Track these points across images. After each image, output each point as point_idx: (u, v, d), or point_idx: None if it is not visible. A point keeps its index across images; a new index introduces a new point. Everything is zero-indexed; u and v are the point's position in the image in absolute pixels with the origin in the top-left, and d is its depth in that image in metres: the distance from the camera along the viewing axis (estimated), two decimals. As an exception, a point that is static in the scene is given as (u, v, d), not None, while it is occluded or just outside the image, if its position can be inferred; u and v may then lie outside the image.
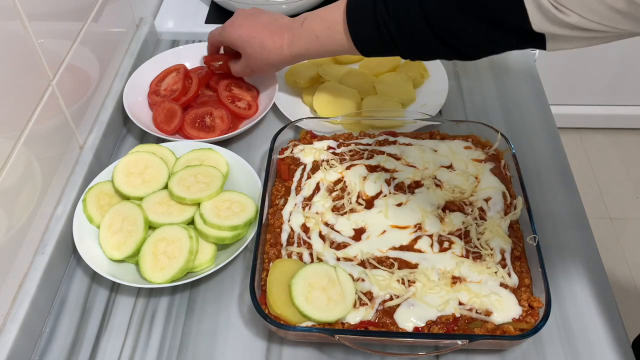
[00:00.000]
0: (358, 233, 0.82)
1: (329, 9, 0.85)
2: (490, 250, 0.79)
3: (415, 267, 0.78)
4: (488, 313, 0.73)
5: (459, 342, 0.70)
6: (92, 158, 0.92)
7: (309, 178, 0.89)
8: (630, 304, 1.85)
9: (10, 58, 0.72)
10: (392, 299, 0.74)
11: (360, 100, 1.05)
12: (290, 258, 0.79)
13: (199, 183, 0.87)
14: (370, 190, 0.87)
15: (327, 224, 0.83)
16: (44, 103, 0.80)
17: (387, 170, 0.90)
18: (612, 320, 0.78)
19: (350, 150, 0.93)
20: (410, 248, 0.80)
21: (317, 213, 0.84)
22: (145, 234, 0.82)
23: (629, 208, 2.15)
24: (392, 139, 0.94)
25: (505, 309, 0.73)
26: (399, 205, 0.85)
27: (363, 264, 0.78)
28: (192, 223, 0.85)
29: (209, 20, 1.27)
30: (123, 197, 0.88)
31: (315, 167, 0.90)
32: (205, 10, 1.30)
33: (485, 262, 0.78)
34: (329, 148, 0.93)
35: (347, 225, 0.83)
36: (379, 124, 0.98)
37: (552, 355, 0.75)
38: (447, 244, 0.80)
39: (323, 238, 0.81)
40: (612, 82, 2.23)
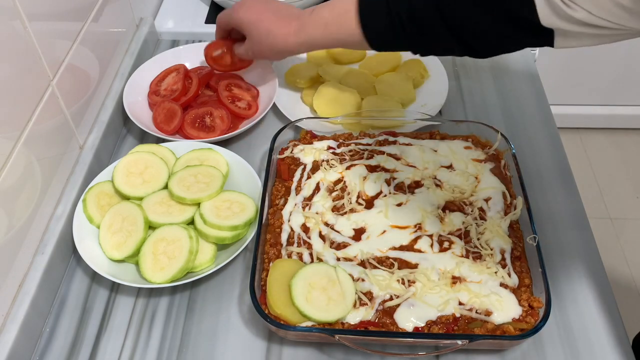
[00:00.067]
0: (358, 233, 0.82)
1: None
2: (490, 250, 0.79)
3: (415, 267, 0.78)
4: (488, 313, 0.73)
5: (459, 342, 0.70)
6: (92, 158, 0.92)
7: (309, 178, 0.89)
8: (630, 304, 1.85)
9: (10, 58, 0.72)
10: (392, 299, 0.74)
11: (360, 100, 1.05)
12: (290, 258, 0.79)
13: (199, 183, 0.87)
14: (370, 190, 0.87)
15: (327, 224, 0.83)
16: (44, 103, 0.80)
17: (387, 170, 0.90)
18: (612, 320, 0.78)
19: (350, 150, 0.93)
20: (410, 248, 0.80)
21: (317, 213, 0.84)
22: (145, 234, 0.82)
23: (629, 208, 2.15)
24: (392, 139, 0.94)
25: (505, 309, 0.73)
26: (399, 205, 0.85)
27: (363, 264, 0.78)
28: (192, 223, 0.85)
29: (209, 20, 1.27)
30: (123, 197, 0.88)
31: (315, 167, 0.90)
32: (205, 10, 1.30)
33: (485, 262, 0.78)
34: (329, 148, 0.93)
35: (347, 225, 0.83)
36: (379, 124, 0.98)
37: (552, 355, 0.75)
38: (447, 244, 0.80)
39: (323, 238, 0.81)
40: (612, 82, 2.23)
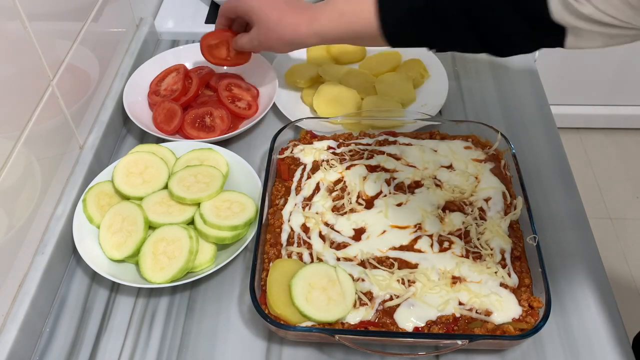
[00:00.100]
0: (358, 233, 0.82)
1: None
2: (490, 250, 0.79)
3: (415, 267, 0.78)
4: (488, 313, 0.73)
5: (459, 342, 0.70)
6: (92, 158, 0.92)
7: (309, 178, 0.89)
8: (630, 304, 1.85)
9: (10, 58, 0.72)
10: (392, 299, 0.74)
11: (360, 100, 1.05)
12: (290, 258, 0.79)
13: (199, 183, 0.87)
14: (370, 190, 0.87)
15: (327, 224, 0.83)
16: (44, 103, 0.80)
17: (387, 170, 0.90)
18: (612, 320, 0.78)
19: (350, 150, 0.93)
20: (410, 248, 0.80)
21: (317, 213, 0.84)
22: (145, 234, 0.82)
23: (629, 208, 2.15)
24: (392, 139, 0.94)
25: (505, 309, 0.73)
26: (399, 205, 0.85)
27: (363, 264, 0.78)
28: (192, 223, 0.85)
29: (209, 20, 1.27)
30: (123, 197, 0.88)
31: (315, 167, 0.90)
32: (205, 10, 1.30)
33: (485, 262, 0.78)
34: (329, 148, 0.93)
35: (347, 225, 0.83)
36: (379, 124, 0.98)
37: (552, 355, 0.75)
38: (447, 244, 0.80)
39: (323, 238, 0.81)
40: (612, 82, 2.23)
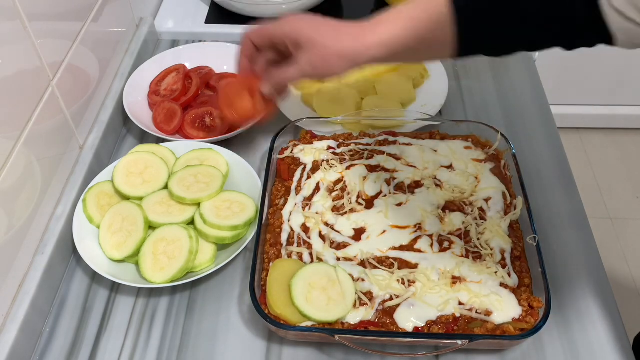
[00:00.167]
0: (358, 233, 0.82)
1: None
2: (490, 250, 0.79)
3: (415, 267, 0.78)
4: (488, 313, 0.73)
5: (459, 342, 0.70)
6: (92, 158, 0.92)
7: (309, 178, 0.89)
8: (630, 304, 1.85)
9: (10, 58, 0.72)
10: (392, 299, 0.74)
11: (360, 100, 1.05)
12: (290, 258, 0.79)
13: (199, 183, 0.87)
14: (370, 190, 0.87)
15: (327, 224, 0.83)
16: (44, 103, 0.80)
17: (387, 170, 0.90)
18: (612, 320, 0.78)
19: (350, 150, 0.93)
20: (410, 248, 0.80)
21: (317, 213, 0.84)
22: (145, 234, 0.82)
23: (629, 208, 2.15)
24: (392, 139, 0.94)
25: (505, 309, 0.73)
26: (399, 205, 0.85)
27: (363, 264, 0.78)
28: (192, 223, 0.85)
29: (209, 20, 1.27)
30: (123, 197, 0.88)
31: (315, 167, 0.90)
32: (205, 10, 1.30)
33: (485, 262, 0.78)
34: (329, 148, 0.93)
35: (347, 225, 0.83)
36: (379, 124, 0.98)
37: (552, 355, 0.75)
38: (447, 244, 0.80)
39: (323, 238, 0.81)
40: (612, 82, 2.23)
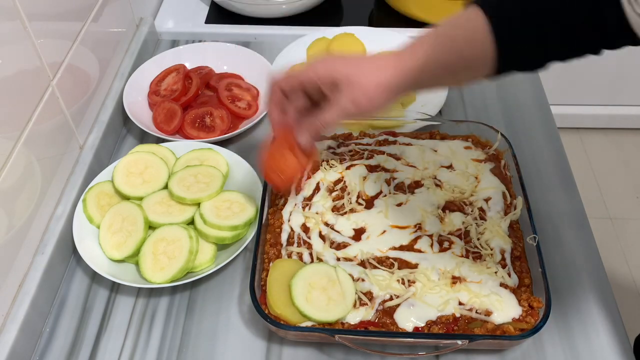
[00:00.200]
0: (358, 233, 0.82)
1: (455, 16, 0.68)
2: (490, 250, 0.79)
3: (415, 267, 0.78)
4: (488, 313, 0.73)
5: (459, 342, 0.70)
6: (92, 158, 0.92)
7: (309, 178, 0.89)
8: (630, 304, 1.85)
9: (10, 58, 0.72)
10: (392, 299, 0.74)
11: (360, 100, 1.04)
12: (290, 258, 0.79)
13: (199, 183, 0.87)
14: (370, 190, 0.87)
15: (327, 224, 0.83)
16: (44, 103, 0.80)
17: (387, 170, 0.90)
18: (612, 320, 0.78)
19: (350, 150, 0.93)
20: (410, 248, 0.80)
21: (317, 213, 0.84)
22: (145, 234, 0.82)
23: (629, 208, 2.15)
24: (392, 139, 0.94)
25: (505, 309, 0.73)
26: (399, 205, 0.85)
27: (363, 264, 0.78)
28: (192, 223, 0.85)
29: (209, 20, 1.27)
30: (123, 197, 0.88)
31: (315, 167, 0.90)
32: (205, 10, 1.30)
33: (485, 262, 0.78)
34: (329, 148, 0.93)
35: (347, 225, 0.83)
36: (379, 124, 0.98)
37: (552, 355, 0.75)
38: (447, 244, 0.80)
39: (323, 238, 0.81)
40: (612, 82, 2.23)
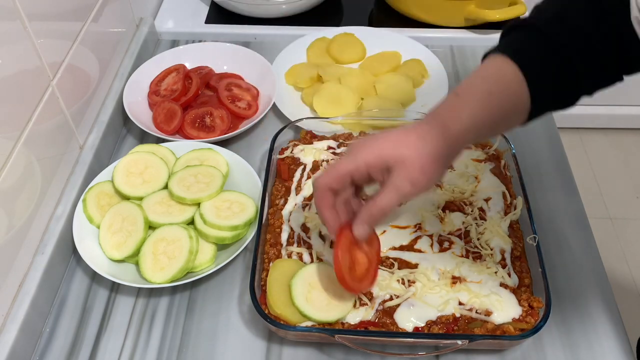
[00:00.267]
0: (358, 233, 0.82)
1: (482, 68, 0.67)
2: (490, 250, 0.79)
3: (415, 267, 0.78)
4: (488, 313, 0.73)
5: (459, 342, 0.70)
6: (92, 158, 0.92)
7: (309, 178, 0.89)
8: (630, 304, 1.85)
9: (10, 58, 0.72)
10: (392, 299, 0.74)
11: (360, 100, 1.05)
12: (290, 258, 0.79)
13: (199, 183, 0.87)
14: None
15: (327, 224, 0.83)
16: (44, 103, 0.80)
17: (387, 170, 0.90)
18: (612, 320, 0.78)
19: (350, 150, 0.93)
20: (410, 248, 0.80)
21: (317, 213, 0.84)
22: (145, 234, 0.82)
23: (629, 208, 2.15)
24: (392, 139, 0.94)
25: (505, 309, 0.73)
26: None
27: (363, 264, 0.78)
28: (192, 223, 0.85)
29: (209, 20, 1.27)
30: (123, 197, 0.88)
31: (315, 167, 0.90)
32: (206, 10, 1.30)
33: (485, 262, 0.78)
34: (329, 148, 0.93)
35: (347, 225, 0.83)
36: (379, 124, 0.98)
37: (552, 355, 0.75)
38: (447, 244, 0.80)
39: (323, 238, 0.81)
40: (612, 82, 2.23)
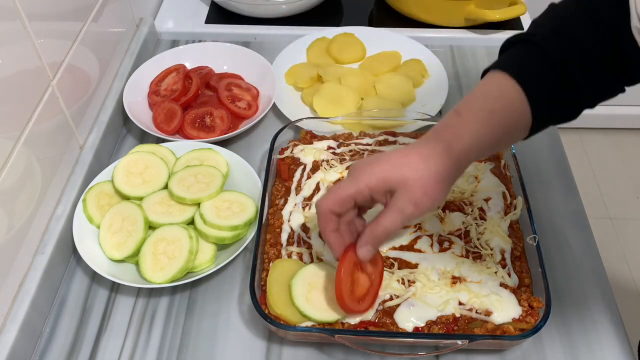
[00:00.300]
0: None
1: (482, 86, 0.67)
2: (490, 250, 0.79)
3: (415, 267, 0.78)
4: (488, 313, 0.73)
5: (459, 342, 0.70)
6: (92, 158, 0.92)
7: (309, 178, 0.89)
8: (630, 304, 1.85)
9: (10, 58, 0.72)
10: (392, 299, 0.74)
11: (360, 100, 1.05)
12: (290, 258, 0.79)
13: (199, 183, 0.87)
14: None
15: (327, 224, 0.83)
16: (44, 103, 0.80)
17: (387, 170, 0.90)
18: (612, 320, 0.78)
19: (350, 151, 0.93)
20: (410, 248, 0.80)
21: (317, 214, 0.84)
22: (145, 234, 0.82)
23: (629, 208, 2.15)
24: (392, 139, 0.94)
25: (505, 309, 0.73)
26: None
27: (363, 264, 0.78)
28: (192, 223, 0.85)
29: (209, 20, 1.27)
30: (123, 197, 0.88)
31: (315, 167, 0.90)
32: (205, 10, 1.30)
33: (485, 262, 0.78)
34: (329, 148, 0.93)
35: (347, 226, 0.83)
36: (379, 124, 0.98)
37: (552, 355, 0.75)
38: (447, 244, 0.80)
39: (323, 238, 0.81)
40: (612, 82, 2.23)
